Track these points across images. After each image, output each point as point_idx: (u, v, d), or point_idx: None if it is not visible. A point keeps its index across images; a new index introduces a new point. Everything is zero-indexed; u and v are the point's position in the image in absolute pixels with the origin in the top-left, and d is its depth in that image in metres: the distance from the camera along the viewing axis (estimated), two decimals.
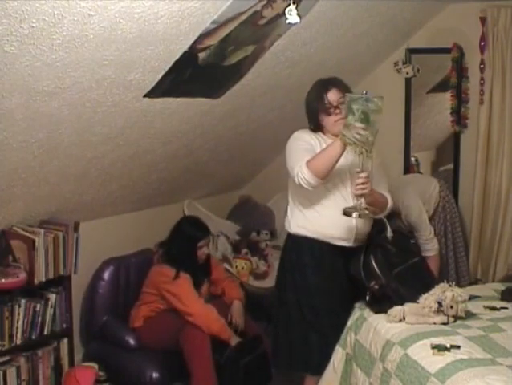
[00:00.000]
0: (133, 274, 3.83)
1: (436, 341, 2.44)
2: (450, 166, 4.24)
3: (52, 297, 3.30)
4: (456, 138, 4.15)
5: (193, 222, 3.75)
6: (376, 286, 2.82)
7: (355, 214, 2.69)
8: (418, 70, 4.14)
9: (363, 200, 2.69)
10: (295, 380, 3.18)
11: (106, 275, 3.71)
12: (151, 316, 3.56)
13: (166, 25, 2.47)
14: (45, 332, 3.28)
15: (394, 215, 3.43)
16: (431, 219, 3.77)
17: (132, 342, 3.53)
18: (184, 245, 3.61)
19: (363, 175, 2.65)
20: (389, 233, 3.06)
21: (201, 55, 2.86)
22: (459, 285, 2.86)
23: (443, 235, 3.84)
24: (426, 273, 3.10)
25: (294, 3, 2.60)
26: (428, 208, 3.77)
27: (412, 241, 3.20)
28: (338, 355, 2.86)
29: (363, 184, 2.66)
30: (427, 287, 2.76)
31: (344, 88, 2.88)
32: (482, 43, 3.86)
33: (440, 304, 2.64)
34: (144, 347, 3.51)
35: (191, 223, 3.74)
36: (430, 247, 3.65)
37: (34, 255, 3.16)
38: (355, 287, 2.91)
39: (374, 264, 2.85)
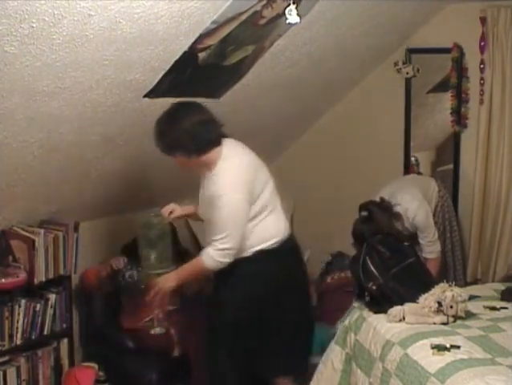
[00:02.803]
0: None
1: (436, 341, 2.44)
2: (448, 166, 4.23)
3: (52, 297, 3.30)
4: (456, 138, 4.14)
5: None
6: (374, 287, 2.83)
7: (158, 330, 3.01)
8: (418, 70, 4.14)
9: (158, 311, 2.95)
10: (296, 380, 3.18)
11: None
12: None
13: (166, 25, 2.47)
14: (45, 332, 3.28)
15: (395, 217, 3.42)
16: None
17: (131, 343, 3.51)
18: None
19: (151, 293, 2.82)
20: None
21: (201, 55, 2.86)
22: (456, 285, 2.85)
23: (441, 234, 3.83)
24: (424, 272, 3.10)
25: (294, 3, 2.59)
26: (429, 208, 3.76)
27: (406, 244, 3.17)
28: (337, 355, 2.86)
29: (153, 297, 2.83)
30: (426, 287, 2.76)
31: None
32: (482, 43, 3.85)
33: (440, 304, 2.64)
34: (143, 349, 3.49)
35: None
36: (432, 250, 3.61)
37: (34, 255, 3.16)
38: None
39: (370, 265, 2.86)
